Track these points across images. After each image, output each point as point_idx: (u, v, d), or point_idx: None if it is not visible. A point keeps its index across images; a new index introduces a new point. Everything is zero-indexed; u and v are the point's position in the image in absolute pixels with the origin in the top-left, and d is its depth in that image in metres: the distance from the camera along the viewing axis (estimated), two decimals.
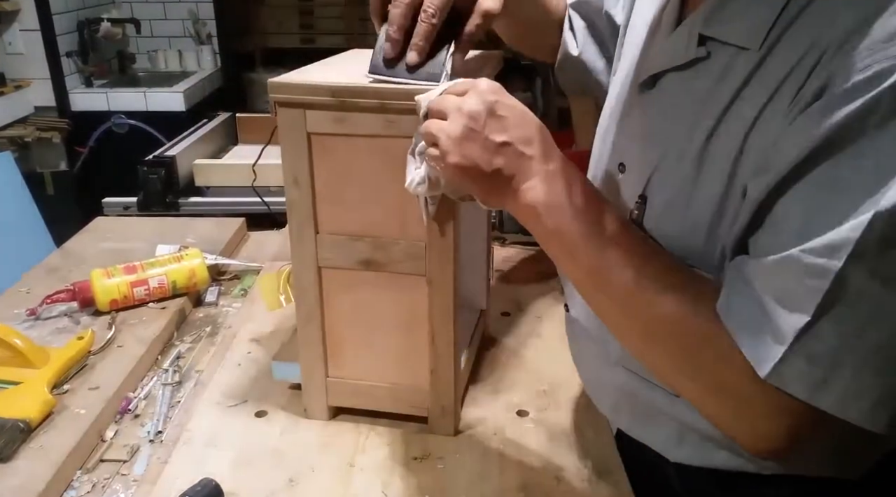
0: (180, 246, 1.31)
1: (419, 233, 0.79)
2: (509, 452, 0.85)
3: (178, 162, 1.88)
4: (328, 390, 0.90)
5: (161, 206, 1.79)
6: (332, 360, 0.88)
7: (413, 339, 0.85)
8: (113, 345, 1.04)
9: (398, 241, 0.81)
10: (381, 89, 0.73)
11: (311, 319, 0.86)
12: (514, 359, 1.05)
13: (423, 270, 0.81)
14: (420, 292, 0.82)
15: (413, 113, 0.71)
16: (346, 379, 0.89)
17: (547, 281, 1.30)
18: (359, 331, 0.87)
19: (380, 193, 0.79)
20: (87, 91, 3.13)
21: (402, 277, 0.82)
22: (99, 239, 1.44)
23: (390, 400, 0.89)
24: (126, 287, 1.13)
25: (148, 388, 0.98)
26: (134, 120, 2.81)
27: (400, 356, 0.86)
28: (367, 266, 0.82)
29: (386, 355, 0.87)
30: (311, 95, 0.75)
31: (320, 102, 0.75)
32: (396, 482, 0.81)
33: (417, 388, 0.87)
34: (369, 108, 0.74)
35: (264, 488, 0.80)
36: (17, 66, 2.92)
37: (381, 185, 0.78)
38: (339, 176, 0.79)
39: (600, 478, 0.82)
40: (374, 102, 0.74)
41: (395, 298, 0.84)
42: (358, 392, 0.89)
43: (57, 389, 0.93)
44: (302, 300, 0.86)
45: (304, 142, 0.78)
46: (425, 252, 0.80)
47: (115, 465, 0.84)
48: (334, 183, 0.80)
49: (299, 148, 0.78)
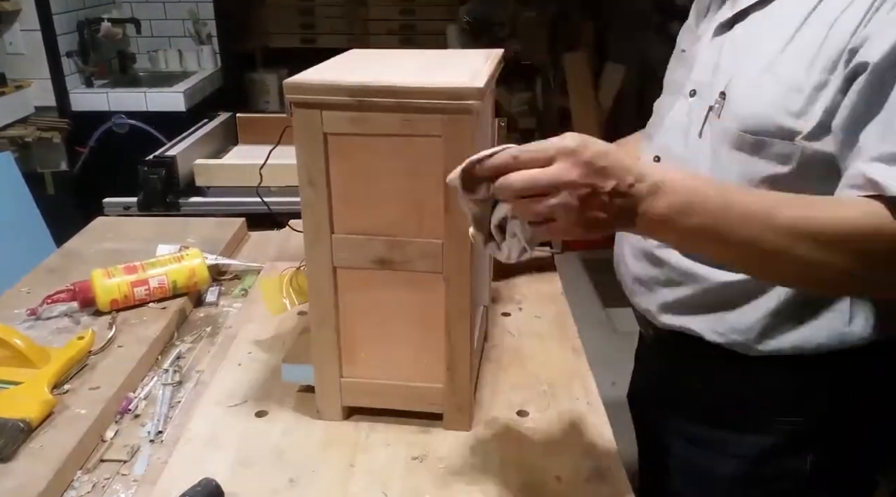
0: (181, 246, 1.31)
1: (436, 231, 0.80)
2: (509, 452, 0.85)
3: (179, 162, 1.88)
4: (342, 391, 0.89)
5: (161, 206, 1.79)
6: (346, 361, 0.88)
7: (429, 337, 0.85)
8: (113, 345, 1.04)
9: (414, 239, 0.81)
10: (397, 88, 0.74)
11: (325, 320, 0.86)
12: (514, 359, 1.05)
13: (439, 268, 0.82)
14: (436, 290, 0.83)
15: (430, 111, 0.72)
16: (360, 379, 0.89)
17: (547, 280, 1.30)
18: (373, 330, 0.87)
19: (396, 193, 0.80)
20: (87, 91, 3.12)
21: (417, 276, 0.83)
22: (99, 239, 1.44)
23: (406, 398, 0.89)
24: (126, 287, 1.13)
25: (148, 388, 0.98)
26: (134, 120, 2.81)
27: (415, 354, 0.87)
28: (383, 265, 0.83)
29: (401, 354, 0.87)
30: (328, 95, 0.76)
31: (337, 102, 0.76)
32: (396, 482, 0.81)
33: (433, 385, 0.87)
34: (386, 107, 0.75)
35: (265, 488, 0.80)
36: (17, 66, 2.92)
37: (397, 185, 0.79)
38: (354, 176, 0.80)
39: (600, 478, 0.82)
40: (392, 101, 0.74)
41: (411, 297, 0.84)
42: (372, 391, 0.90)
43: (57, 389, 0.93)
44: (317, 302, 0.86)
45: (321, 142, 0.78)
46: (442, 250, 0.81)
47: (115, 465, 0.84)
48: (350, 183, 0.80)
49: (315, 148, 0.78)
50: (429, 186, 0.78)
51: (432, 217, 0.79)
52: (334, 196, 0.81)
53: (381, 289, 0.84)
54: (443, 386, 0.87)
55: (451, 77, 0.78)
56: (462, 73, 0.80)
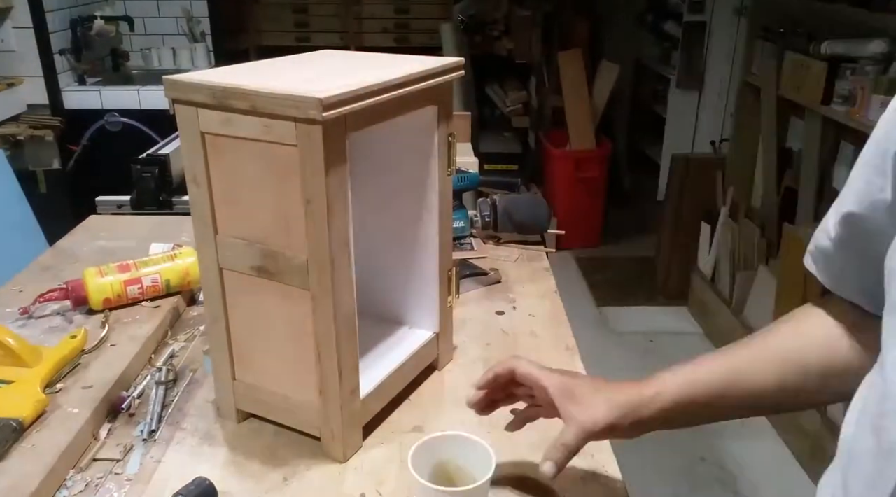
0: (174, 244, 1.30)
1: (300, 246, 0.76)
2: (505, 452, 0.85)
3: (172, 160, 1.87)
4: (235, 393, 0.89)
5: (155, 204, 1.78)
6: (239, 364, 0.88)
7: (304, 354, 0.81)
8: (106, 343, 1.04)
9: (284, 252, 0.78)
10: (251, 91, 0.72)
11: (217, 319, 0.86)
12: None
13: (307, 285, 0.78)
14: (308, 307, 0.79)
15: (283, 118, 0.70)
16: (250, 384, 0.88)
17: (541, 279, 1.30)
18: (259, 338, 0.85)
19: (266, 201, 0.77)
20: (80, 89, 3.11)
21: (290, 290, 0.79)
22: (92, 237, 1.44)
23: (287, 413, 0.87)
24: (119, 286, 1.13)
25: (141, 386, 0.97)
26: (127, 118, 2.79)
27: (293, 370, 0.84)
28: (260, 273, 0.81)
29: (282, 367, 0.85)
30: (198, 95, 0.75)
31: (205, 102, 0.75)
32: (391, 481, 0.81)
33: (310, 405, 0.84)
34: (244, 110, 0.73)
35: (258, 487, 0.80)
36: (9, 64, 2.90)
37: (265, 193, 0.77)
38: (230, 178, 0.79)
39: (596, 477, 0.82)
40: (246, 105, 0.72)
41: (286, 309, 0.81)
42: (260, 400, 0.88)
43: (50, 388, 0.93)
44: (208, 298, 0.86)
45: (199, 140, 0.78)
46: (307, 266, 0.77)
47: (108, 464, 0.84)
48: (227, 185, 0.79)
49: (195, 146, 0.78)
50: (292, 199, 0.75)
51: (298, 231, 0.76)
52: (216, 197, 0.80)
53: (261, 296, 0.82)
54: (317, 408, 0.83)
55: (313, 85, 0.72)
56: (340, 81, 0.74)
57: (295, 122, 0.70)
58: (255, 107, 0.72)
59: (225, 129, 0.75)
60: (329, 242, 0.74)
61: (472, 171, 1.50)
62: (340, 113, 0.71)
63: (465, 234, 1.43)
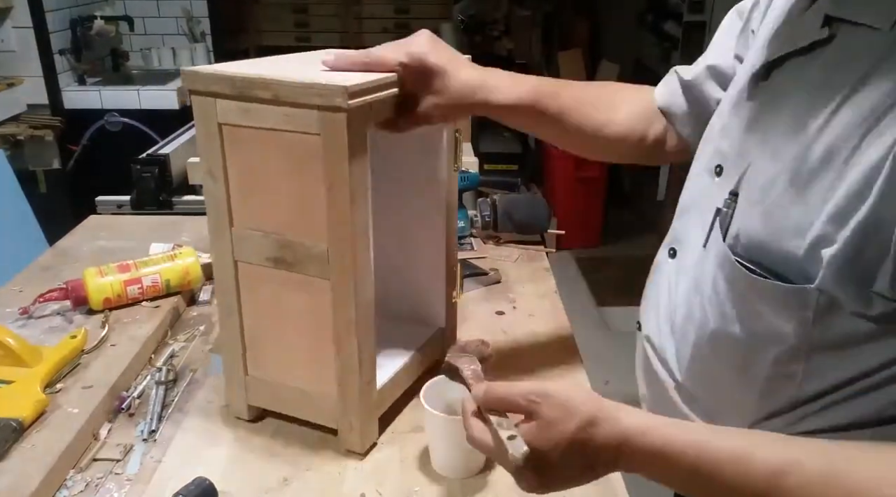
0: (174, 244, 1.30)
1: (321, 234, 0.77)
2: None
3: (172, 160, 1.87)
4: (248, 389, 0.88)
5: (155, 204, 1.78)
6: (252, 358, 0.87)
7: (322, 345, 0.81)
8: (106, 343, 1.04)
9: (303, 241, 0.78)
10: (273, 81, 0.72)
11: (231, 313, 0.85)
12: (507, 357, 1.05)
13: (327, 274, 0.78)
14: (326, 297, 0.79)
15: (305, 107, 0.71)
16: (264, 379, 0.87)
17: (541, 279, 1.30)
18: (274, 331, 0.85)
19: (285, 191, 0.78)
20: (80, 89, 3.11)
21: (309, 280, 0.79)
22: (92, 237, 1.44)
23: (303, 407, 0.87)
24: (119, 286, 1.13)
25: (142, 386, 0.97)
26: (127, 118, 2.80)
27: (310, 362, 0.84)
28: (277, 264, 0.80)
29: (298, 359, 0.85)
30: (217, 86, 0.75)
31: (226, 93, 0.75)
32: (391, 481, 0.81)
33: (328, 397, 0.83)
34: (266, 100, 0.73)
35: (258, 487, 0.80)
36: (9, 64, 2.90)
37: (285, 183, 0.77)
38: (249, 170, 0.79)
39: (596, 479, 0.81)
40: (268, 94, 0.73)
41: (304, 300, 0.81)
42: (274, 395, 0.88)
43: (50, 388, 0.93)
44: (221, 292, 0.85)
45: (217, 132, 0.78)
46: (327, 255, 0.77)
47: (108, 464, 0.84)
48: (245, 176, 0.79)
49: (212, 138, 0.78)
50: (313, 187, 0.75)
51: (318, 220, 0.76)
52: (232, 189, 0.80)
53: (278, 288, 0.82)
54: (335, 400, 0.83)
55: (332, 76, 0.74)
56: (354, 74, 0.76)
57: (318, 110, 0.72)
58: (277, 96, 0.73)
59: (244, 119, 0.76)
60: (352, 229, 0.75)
61: (472, 171, 1.50)
62: (365, 101, 0.72)
63: (465, 234, 1.43)
